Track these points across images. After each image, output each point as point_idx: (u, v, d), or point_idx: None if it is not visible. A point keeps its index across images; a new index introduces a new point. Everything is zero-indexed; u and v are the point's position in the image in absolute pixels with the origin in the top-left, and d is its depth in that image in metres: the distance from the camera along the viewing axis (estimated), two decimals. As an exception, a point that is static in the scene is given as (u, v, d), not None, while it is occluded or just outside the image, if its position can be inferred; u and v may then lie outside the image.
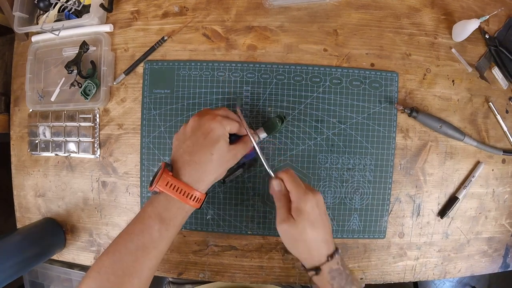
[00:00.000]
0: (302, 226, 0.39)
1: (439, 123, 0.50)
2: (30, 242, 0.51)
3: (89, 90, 0.52)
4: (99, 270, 0.37)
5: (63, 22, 0.52)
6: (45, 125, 0.56)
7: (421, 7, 0.53)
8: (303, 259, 0.42)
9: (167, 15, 0.53)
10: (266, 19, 0.52)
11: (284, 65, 0.52)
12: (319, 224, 0.40)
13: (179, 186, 0.38)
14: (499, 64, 0.53)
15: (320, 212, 0.41)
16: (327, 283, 0.41)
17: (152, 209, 0.39)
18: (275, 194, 0.43)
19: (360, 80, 0.51)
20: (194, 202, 0.39)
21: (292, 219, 0.40)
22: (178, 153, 0.41)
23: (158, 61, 0.53)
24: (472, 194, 0.54)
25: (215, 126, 0.40)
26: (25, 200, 0.58)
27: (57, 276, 0.67)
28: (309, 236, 0.40)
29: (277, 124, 0.46)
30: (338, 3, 0.52)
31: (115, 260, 0.37)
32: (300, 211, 0.40)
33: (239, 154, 0.43)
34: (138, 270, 0.37)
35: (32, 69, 0.55)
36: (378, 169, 0.52)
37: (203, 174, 0.39)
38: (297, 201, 0.40)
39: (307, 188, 0.41)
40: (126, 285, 0.36)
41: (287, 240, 0.42)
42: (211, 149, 0.39)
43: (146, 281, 0.39)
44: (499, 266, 0.56)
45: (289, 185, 0.42)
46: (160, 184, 0.38)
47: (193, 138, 0.40)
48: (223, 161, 0.41)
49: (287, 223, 0.40)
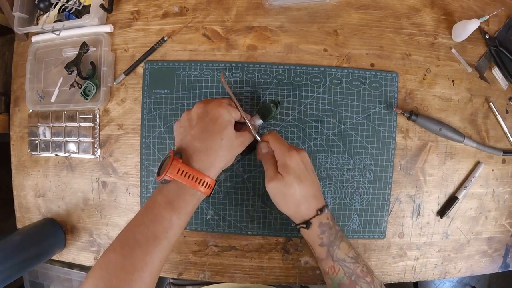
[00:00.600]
0: (290, 181, 0.40)
1: (438, 125, 0.50)
2: (30, 242, 0.51)
3: (89, 90, 0.52)
4: (106, 267, 0.35)
5: (63, 23, 0.52)
6: (45, 126, 0.56)
7: (421, 7, 0.53)
8: (293, 214, 0.43)
9: (167, 15, 0.53)
10: (266, 19, 0.52)
11: (284, 65, 0.52)
12: (307, 179, 0.41)
13: (191, 173, 0.37)
14: (499, 64, 0.53)
15: (306, 168, 0.42)
16: (316, 237, 0.41)
17: (162, 197, 0.38)
18: (263, 156, 0.44)
19: (360, 80, 0.51)
20: (205, 189, 0.39)
21: (279, 175, 0.41)
22: (186, 139, 0.41)
23: (158, 62, 0.53)
24: (472, 194, 0.54)
25: (223, 112, 0.40)
26: (25, 200, 0.58)
27: (57, 276, 0.67)
28: (297, 190, 0.40)
29: (271, 109, 0.46)
30: (338, 3, 0.52)
31: (124, 254, 0.35)
32: (286, 166, 0.41)
33: (246, 142, 0.44)
34: (149, 263, 0.35)
35: (32, 69, 0.55)
36: (378, 169, 0.52)
37: (215, 160, 0.39)
38: (282, 158, 0.41)
39: (291, 147, 0.42)
40: (136, 281, 0.34)
41: (277, 198, 0.42)
42: (221, 135, 0.40)
43: (157, 275, 0.37)
44: (499, 266, 0.56)
45: (273, 144, 0.43)
46: (171, 171, 0.37)
47: (202, 124, 0.40)
48: (232, 147, 0.41)
49: (275, 180, 0.41)
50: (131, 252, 0.35)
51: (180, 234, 0.40)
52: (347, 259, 0.41)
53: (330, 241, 0.41)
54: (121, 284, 0.34)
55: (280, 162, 0.42)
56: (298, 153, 0.41)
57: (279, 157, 0.42)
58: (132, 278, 0.34)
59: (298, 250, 0.52)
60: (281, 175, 0.41)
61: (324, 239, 0.41)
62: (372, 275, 0.42)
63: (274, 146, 0.43)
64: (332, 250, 0.41)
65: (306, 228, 0.42)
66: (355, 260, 0.42)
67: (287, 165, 0.41)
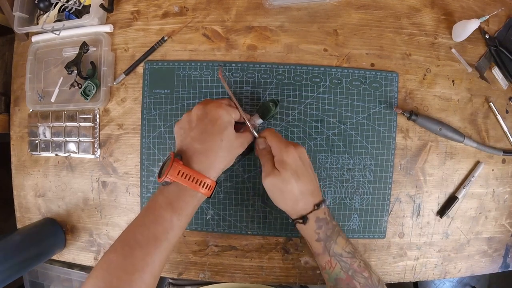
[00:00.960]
0: (287, 177, 0.40)
1: (438, 125, 0.50)
2: (30, 242, 0.51)
3: (89, 90, 0.52)
4: (107, 267, 0.35)
5: (63, 22, 0.52)
6: (45, 125, 0.56)
7: (421, 7, 0.53)
8: (290, 210, 0.42)
9: (167, 15, 0.53)
10: (266, 19, 0.52)
11: (284, 65, 0.52)
12: (304, 175, 0.41)
13: (191, 175, 0.38)
14: (499, 64, 0.53)
15: (304, 164, 0.41)
16: (313, 232, 0.41)
17: (163, 198, 0.38)
18: (260, 152, 0.44)
19: (360, 80, 0.51)
20: (206, 190, 0.39)
21: (276, 171, 0.41)
22: (186, 141, 0.41)
23: (158, 61, 0.53)
24: (472, 194, 0.54)
25: (222, 113, 0.40)
26: (25, 200, 0.58)
27: (57, 276, 0.67)
28: (294, 186, 0.40)
29: (271, 108, 0.46)
30: (338, 3, 0.52)
31: (125, 255, 0.35)
32: (283, 162, 0.40)
33: (246, 143, 0.44)
34: (149, 264, 0.35)
35: (32, 69, 0.55)
36: (378, 169, 0.52)
37: (214, 162, 0.40)
38: (279, 154, 0.41)
39: (288, 142, 0.42)
40: (137, 282, 0.34)
41: (274, 193, 0.42)
42: (221, 136, 0.40)
43: (157, 276, 0.37)
44: (499, 266, 0.56)
45: (271, 140, 0.42)
46: (171, 173, 0.37)
47: (201, 125, 0.40)
48: (232, 148, 0.41)
49: (272, 176, 0.41)
50: (132, 252, 0.35)
51: (180, 235, 0.40)
52: (344, 254, 0.41)
53: (327, 236, 0.41)
54: (121, 285, 0.34)
55: (277, 157, 0.41)
56: (295, 148, 0.41)
57: (276, 152, 0.42)
58: (133, 279, 0.34)
59: (298, 250, 0.52)
60: (278, 170, 0.40)
61: (320, 234, 0.41)
62: (370, 270, 0.41)
63: (271, 142, 0.43)
64: (329, 245, 0.41)
65: (302, 223, 0.41)
66: (352, 255, 0.41)
67: (284, 161, 0.40)
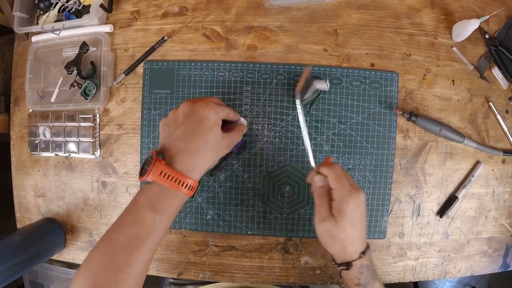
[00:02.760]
0: (343, 225, 0.39)
1: (438, 126, 0.50)
2: (30, 242, 0.51)
3: (89, 90, 0.52)
4: (90, 267, 0.35)
5: (63, 22, 0.52)
6: (45, 125, 0.56)
7: (421, 7, 0.53)
8: (336, 254, 0.42)
9: (167, 15, 0.53)
10: (266, 19, 0.52)
11: (284, 65, 0.52)
12: (358, 223, 0.40)
13: (173, 175, 0.36)
14: (499, 64, 0.53)
15: (361, 212, 0.40)
16: (354, 278, 0.41)
17: (144, 199, 0.37)
18: (316, 190, 0.42)
19: (360, 80, 0.51)
20: (187, 190, 0.38)
21: (333, 218, 0.39)
22: (170, 139, 0.39)
23: (158, 61, 0.53)
24: (472, 194, 0.54)
25: (209, 113, 0.39)
26: (25, 200, 0.58)
27: (57, 276, 0.67)
28: (348, 235, 0.39)
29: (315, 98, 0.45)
30: (338, 3, 0.52)
31: (108, 255, 0.35)
32: (343, 211, 0.39)
33: (232, 143, 0.42)
34: (132, 264, 0.35)
35: (32, 69, 0.55)
36: (378, 169, 0.52)
37: (197, 162, 0.38)
38: (340, 200, 0.39)
39: (351, 186, 0.40)
40: (120, 281, 0.34)
41: (324, 237, 0.41)
42: (206, 137, 0.38)
43: (141, 276, 0.37)
44: (499, 266, 0.56)
45: (333, 183, 0.40)
46: (153, 173, 0.36)
47: (187, 124, 0.39)
48: (217, 149, 0.40)
49: (327, 222, 0.39)
50: (115, 253, 0.35)
51: (164, 235, 0.39)
52: None
53: (367, 282, 0.41)
54: (105, 284, 0.34)
55: (337, 204, 0.39)
56: (357, 197, 0.39)
57: (337, 198, 0.39)
58: (117, 278, 0.34)
59: (298, 250, 0.52)
60: (335, 218, 0.39)
61: (361, 279, 0.40)
62: None
63: (334, 185, 0.40)
64: None
65: (346, 269, 0.41)
66: None
67: (345, 211, 0.38)
